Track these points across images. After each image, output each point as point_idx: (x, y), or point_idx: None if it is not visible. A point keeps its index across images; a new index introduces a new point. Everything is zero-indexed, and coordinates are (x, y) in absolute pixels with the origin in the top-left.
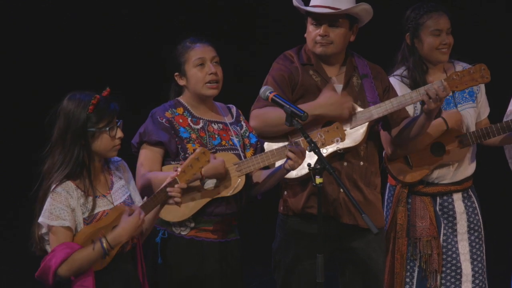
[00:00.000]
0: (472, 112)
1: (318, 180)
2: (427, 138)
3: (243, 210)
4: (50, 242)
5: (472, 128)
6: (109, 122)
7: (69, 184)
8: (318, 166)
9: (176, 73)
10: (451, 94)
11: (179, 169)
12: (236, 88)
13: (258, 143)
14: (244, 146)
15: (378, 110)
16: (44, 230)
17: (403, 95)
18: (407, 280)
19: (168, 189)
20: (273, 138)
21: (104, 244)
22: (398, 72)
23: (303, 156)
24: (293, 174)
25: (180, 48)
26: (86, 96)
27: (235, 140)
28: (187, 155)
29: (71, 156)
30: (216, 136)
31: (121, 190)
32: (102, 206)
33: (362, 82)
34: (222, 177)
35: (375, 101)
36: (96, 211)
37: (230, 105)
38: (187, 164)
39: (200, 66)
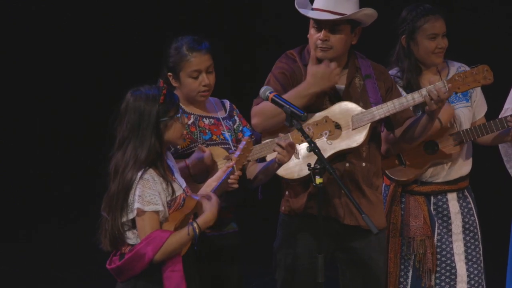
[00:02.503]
0: (466, 111)
1: (318, 180)
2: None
3: (237, 203)
4: (138, 228)
5: (466, 127)
6: (177, 110)
7: (152, 171)
8: (318, 166)
9: (170, 74)
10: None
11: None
12: (236, 87)
13: (253, 136)
14: (237, 141)
15: (380, 111)
16: (129, 217)
17: (405, 96)
18: (401, 279)
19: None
20: (275, 132)
21: (196, 229)
22: (391, 72)
23: (292, 150)
24: (294, 174)
25: (176, 53)
26: (151, 89)
27: (227, 134)
28: (178, 151)
29: (147, 147)
30: (207, 131)
31: (179, 175)
32: (177, 190)
33: (364, 83)
34: (211, 171)
35: (377, 102)
36: (176, 194)
37: (224, 100)
38: (240, 154)
39: (194, 78)
